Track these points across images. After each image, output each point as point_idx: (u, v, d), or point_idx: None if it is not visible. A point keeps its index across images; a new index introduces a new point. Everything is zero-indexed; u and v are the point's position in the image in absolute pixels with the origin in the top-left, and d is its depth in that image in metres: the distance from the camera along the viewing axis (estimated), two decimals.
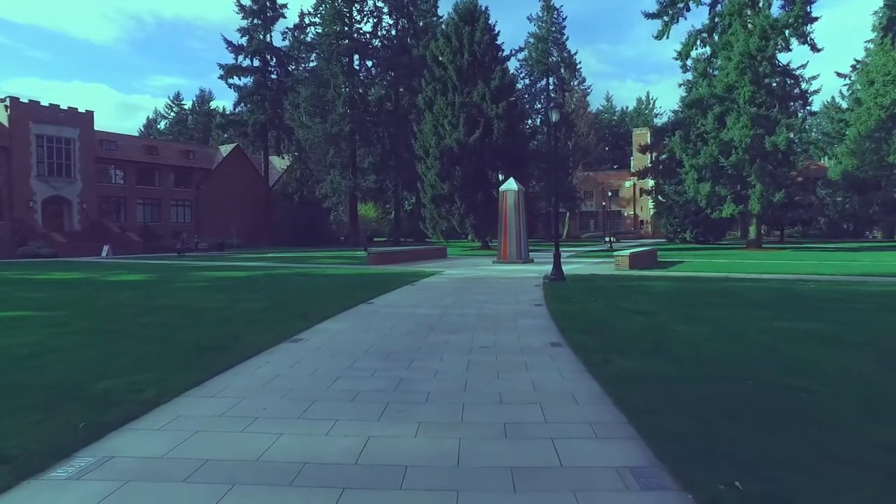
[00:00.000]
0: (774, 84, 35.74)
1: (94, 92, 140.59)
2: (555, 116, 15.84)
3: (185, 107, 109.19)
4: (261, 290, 13.96)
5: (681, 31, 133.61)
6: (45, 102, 44.06)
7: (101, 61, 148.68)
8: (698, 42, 39.49)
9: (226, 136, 76.31)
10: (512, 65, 57.48)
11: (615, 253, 20.45)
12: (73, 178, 45.41)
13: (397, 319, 9.07)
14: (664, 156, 39.15)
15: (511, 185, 24.56)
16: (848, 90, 60.49)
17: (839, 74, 56.24)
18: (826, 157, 51.98)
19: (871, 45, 57.96)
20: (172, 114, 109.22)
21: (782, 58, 36.67)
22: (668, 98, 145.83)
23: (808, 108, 35.97)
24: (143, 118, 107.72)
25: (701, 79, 38.99)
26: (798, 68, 36.86)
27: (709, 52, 39.65)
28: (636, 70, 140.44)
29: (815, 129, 75.70)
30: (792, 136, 31.58)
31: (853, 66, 60.69)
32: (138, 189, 53.16)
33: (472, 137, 37.38)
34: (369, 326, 8.42)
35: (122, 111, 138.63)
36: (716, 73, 37.38)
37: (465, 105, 38.40)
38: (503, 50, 41.29)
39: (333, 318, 9.13)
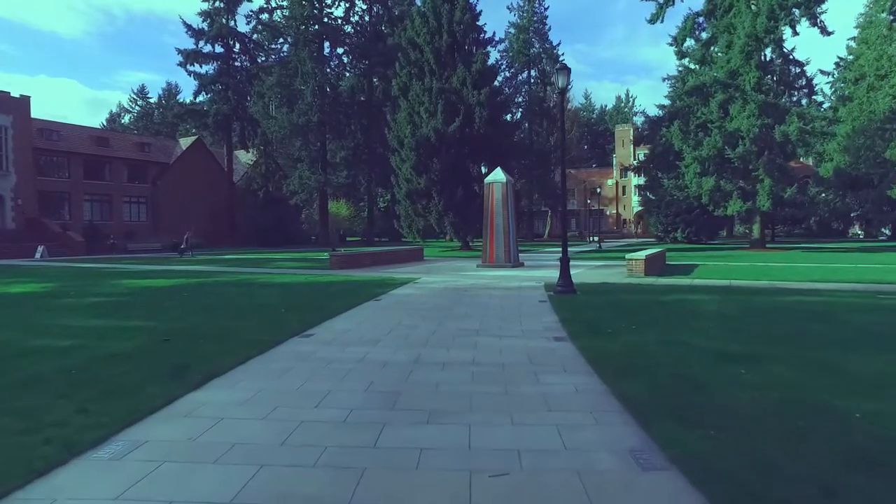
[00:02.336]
0: (778, 70, 32.82)
1: (62, 87, 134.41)
2: (562, 81, 12.31)
3: (152, 100, 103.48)
4: (167, 309, 10.11)
5: (676, 13, 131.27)
6: None
7: (69, 55, 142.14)
8: (695, 25, 36.45)
9: (193, 130, 71.42)
10: (492, 56, 53.86)
11: (628, 255, 16.96)
12: (6, 171, 40.59)
13: (338, 377, 5.36)
14: (659, 148, 35.96)
15: (498, 175, 20.97)
16: (831, 88, 58.55)
17: (823, 72, 54.17)
18: (809, 156, 49.67)
19: (853, 44, 56.06)
20: (137, 108, 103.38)
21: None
22: (645, 98, 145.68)
23: (815, 97, 33.07)
24: (127, 120, 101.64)
25: (699, 65, 35.95)
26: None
27: (705, 38, 36.63)
28: (613, 71, 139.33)
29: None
30: (803, 125, 28.55)
31: (837, 64, 58.72)
32: (86, 184, 48.38)
33: (451, 126, 33.75)
34: (281, 397, 4.69)
35: (91, 107, 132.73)
36: (715, 57, 34.33)
37: (443, 91, 34.74)
38: (485, 32, 37.72)
39: (227, 375, 5.37)
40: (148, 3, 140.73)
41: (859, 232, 67.89)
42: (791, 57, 32.45)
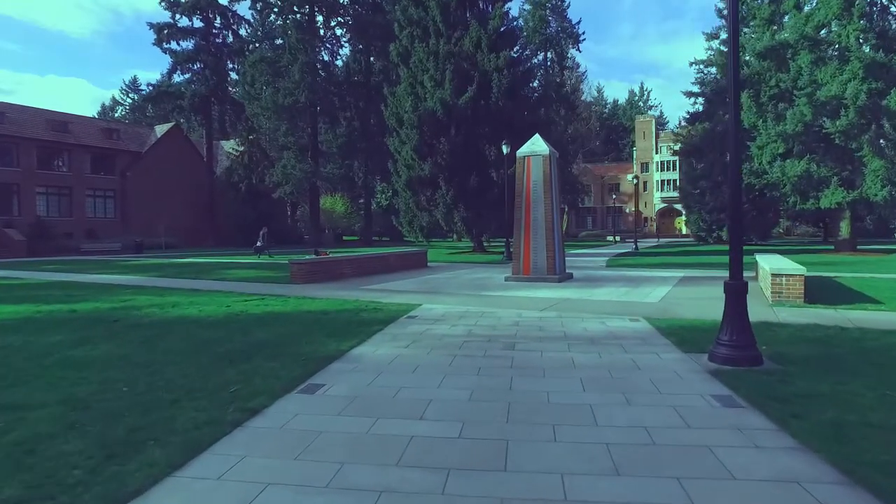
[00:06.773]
0: (874, 24, 25.97)
1: (72, 87, 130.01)
2: None
3: (144, 93, 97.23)
4: None
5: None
6: None
7: (78, 55, 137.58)
8: None
9: (171, 115, 64.70)
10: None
11: (773, 268, 10.06)
12: None
13: None
14: (721, 126, 29.05)
15: (538, 145, 14.24)
16: None
17: None
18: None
19: None
20: (129, 100, 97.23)
21: None
22: (656, 96, 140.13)
23: None
24: (120, 114, 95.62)
25: (764, 28, 29.18)
26: None
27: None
28: (620, 70, 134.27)
29: None
30: None
31: None
32: (39, 174, 41.92)
33: (462, 98, 27.04)
34: None
35: (99, 107, 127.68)
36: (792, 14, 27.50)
37: (452, 55, 28.01)
38: None
39: None
40: (156, 3, 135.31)
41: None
42: (893, 10, 25.61)
